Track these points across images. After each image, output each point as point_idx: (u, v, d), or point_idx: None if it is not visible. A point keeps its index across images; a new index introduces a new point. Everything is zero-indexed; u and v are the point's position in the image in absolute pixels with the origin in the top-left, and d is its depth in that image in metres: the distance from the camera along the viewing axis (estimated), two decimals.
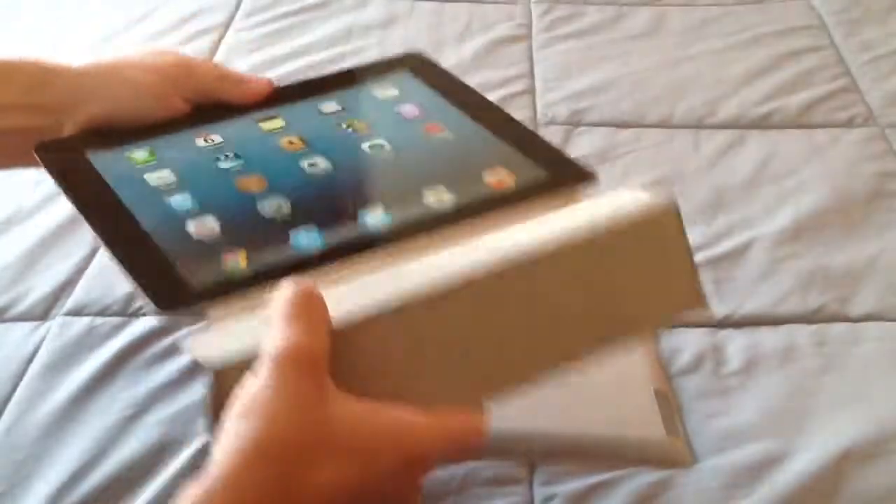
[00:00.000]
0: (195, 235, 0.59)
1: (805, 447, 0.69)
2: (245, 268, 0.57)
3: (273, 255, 0.58)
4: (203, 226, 0.60)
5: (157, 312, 0.69)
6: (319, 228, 0.60)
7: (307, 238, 0.59)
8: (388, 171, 0.67)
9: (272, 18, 1.21)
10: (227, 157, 0.67)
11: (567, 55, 1.15)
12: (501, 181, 0.65)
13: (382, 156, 0.68)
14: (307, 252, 0.58)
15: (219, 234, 0.60)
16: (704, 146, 1.00)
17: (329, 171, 0.66)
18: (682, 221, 0.59)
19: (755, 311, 0.80)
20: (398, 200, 0.63)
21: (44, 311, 0.79)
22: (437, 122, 0.71)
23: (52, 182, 0.64)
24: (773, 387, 0.73)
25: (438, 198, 0.63)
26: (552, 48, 1.17)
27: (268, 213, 0.62)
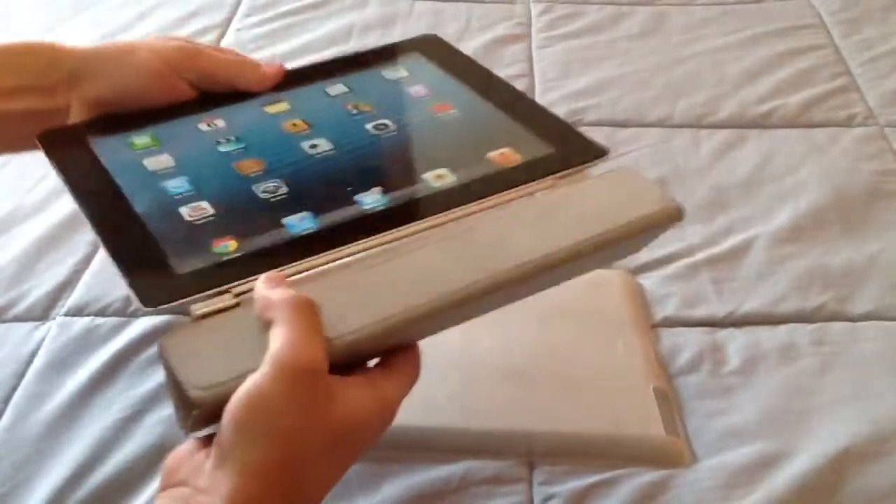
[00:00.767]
0: (188, 218, 0.59)
1: (804, 446, 0.69)
2: (234, 251, 0.57)
3: (265, 240, 0.58)
4: (196, 209, 0.60)
5: (143, 311, 0.68)
6: (314, 212, 0.60)
7: (301, 222, 0.59)
8: (391, 152, 0.67)
9: (272, 18, 1.21)
10: (228, 141, 0.67)
11: (566, 54, 1.15)
12: (507, 158, 0.64)
13: (386, 136, 0.68)
14: (299, 236, 0.58)
15: (211, 218, 0.59)
16: (704, 145, 1.00)
17: (330, 153, 0.66)
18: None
19: (755, 311, 0.80)
20: (398, 181, 0.63)
21: (44, 311, 0.79)
22: (446, 102, 0.70)
23: (54, 176, 0.64)
24: (773, 386, 0.74)
25: (440, 178, 0.63)
26: (551, 47, 1.17)
27: (263, 196, 0.61)
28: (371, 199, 0.61)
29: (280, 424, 0.46)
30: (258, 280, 0.52)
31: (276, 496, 0.46)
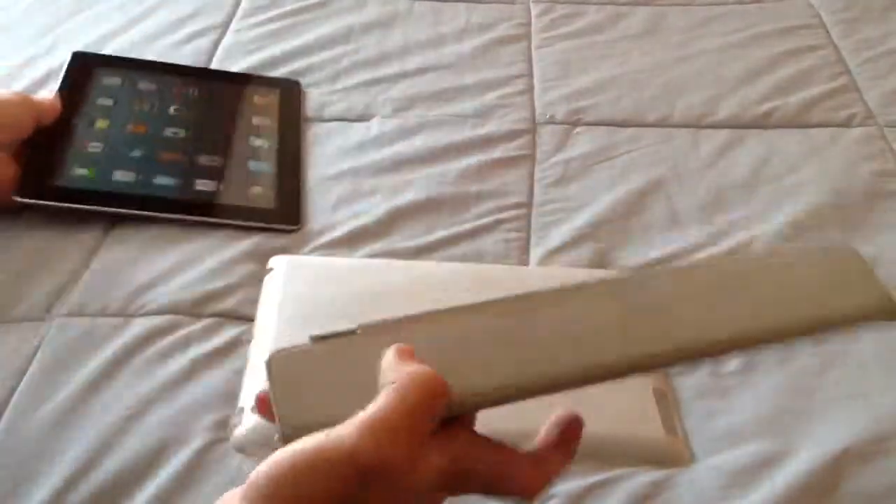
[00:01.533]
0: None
1: (804, 446, 0.69)
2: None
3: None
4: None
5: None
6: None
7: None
8: None
9: (271, 18, 1.21)
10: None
11: (566, 54, 1.15)
12: None
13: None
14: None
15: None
16: (703, 145, 1.00)
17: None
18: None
19: None
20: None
21: (43, 312, 0.79)
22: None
23: None
24: (772, 386, 0.74)
25: None
26: (551, 47, 1.17)
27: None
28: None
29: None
30: (390, 349, 0.48)
31: None
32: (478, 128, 1.01)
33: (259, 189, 0.91)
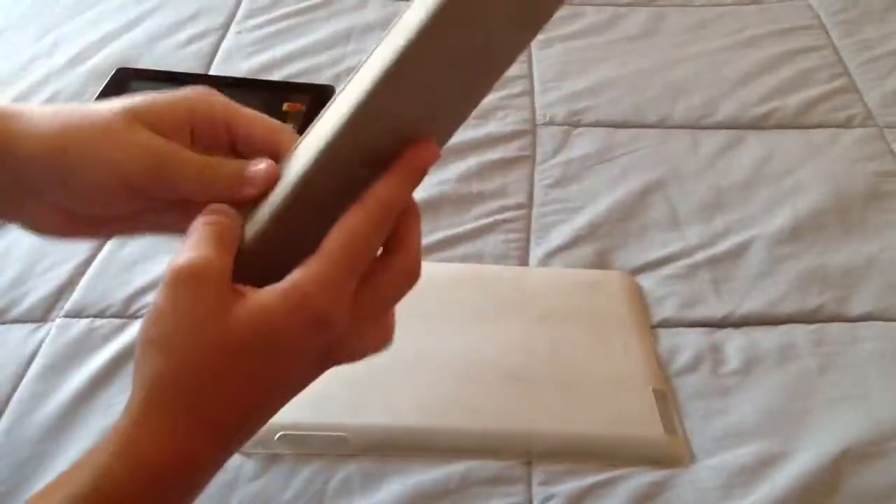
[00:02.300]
0: None
1: (803, 446, 0.69)
2: None
3: None
4: None
5: None
6: None
7: None
8: None
9: (271, 20, 1.21)
10: None
11: (565, 56, 1.15)
12: None
13: None
14: None
15: None
16: (703, 146, 1.00)
17: None
18: None
19: (754, 311, 0.80)
20: None
21: (43, 313, 0.79)
22: None
23: None
24: (772, 386, 0.74)
25: None
26: (550, 49, 1.17)
27: None
28: None
29: (166, 332, 0.44)
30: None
31: (179, 411, 0.44)
32: (478, 129, 1.01)
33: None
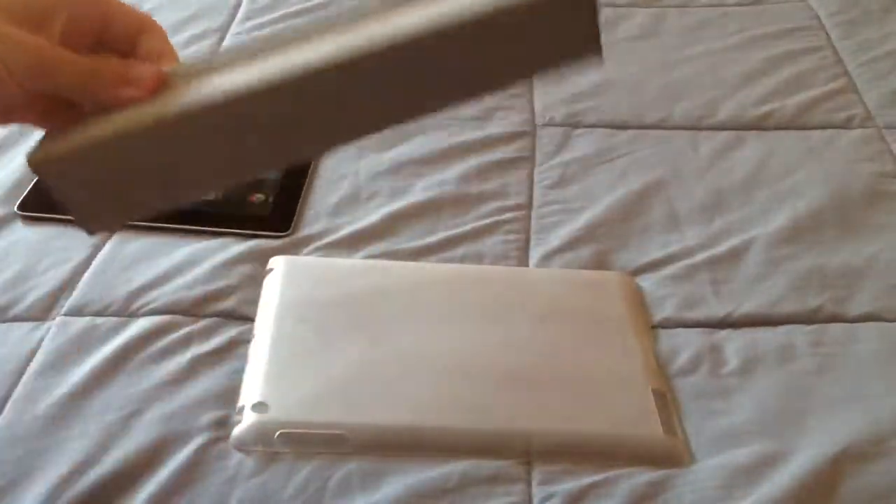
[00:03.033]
0: None
1: (803, 447, 0.69)
2: None
3: None
4: None
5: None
6: None
7: None
8: None
9: (271, 21, 1.21)
10: None
11: None
12: None
13: None
14: None
15: None
16: (702, 147, 1.00)
17: None
18: None
19: (753, 312, 0.80)
20: None
21: (44, 311, 0.79)
22: None
23: None
24: (771, 387, 0.74)
25: None
26: None
27: None
28: None
29: None
30: None
31: None
32: (478, 130, 1.02)
33: (261, 196, 0.91)
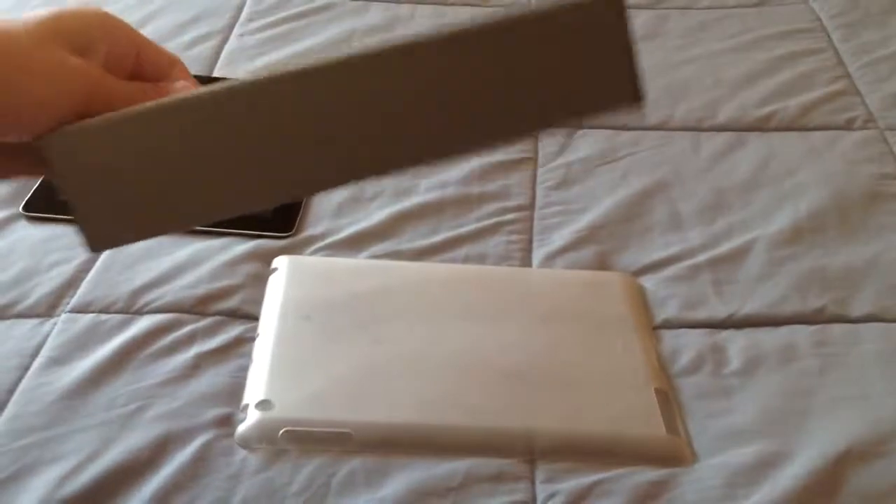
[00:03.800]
0: None
1: (805, 447, 0.69)
2: None
3: None
4: None
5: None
6: None
7: None
8: None
9: (274, 23, 1.21)
10: None
11: None
12: None
13: None
14: None
15: None
16: (704, 148, 1.01)
17: None
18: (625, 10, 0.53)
19: (755, 312, 0.80)
20: None
21: (49, 308, 0.79)
22: None
23: None
24: (774, 387, 0.74)
25: None
26: None
27: None
28: None
29: None
30: None
31: None
32: None
33: None
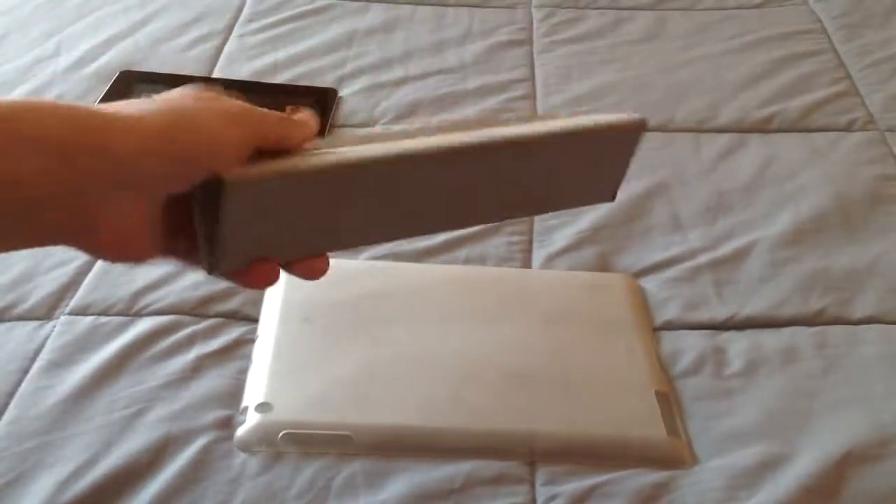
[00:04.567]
0: None
1: (806, 449, 0.69)
2: None
3: None
4: None
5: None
6: None
7: None
8: None
9: (274, 23, 1.21)
10: None
11: (568, 59, 1.16)
12: None
13: None
14: None
15: None
16: (705, 150, 1.00)
17: None
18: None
19: (756, 314, 0.80)
20: None
21: (48, 310, 0.79)
22: None
23: None
24: (775, 388, 0.74)
25: None
26: (553, 52, 1.17)
27: None
28: None
29: None
30: None
31: None
32: None
33: None
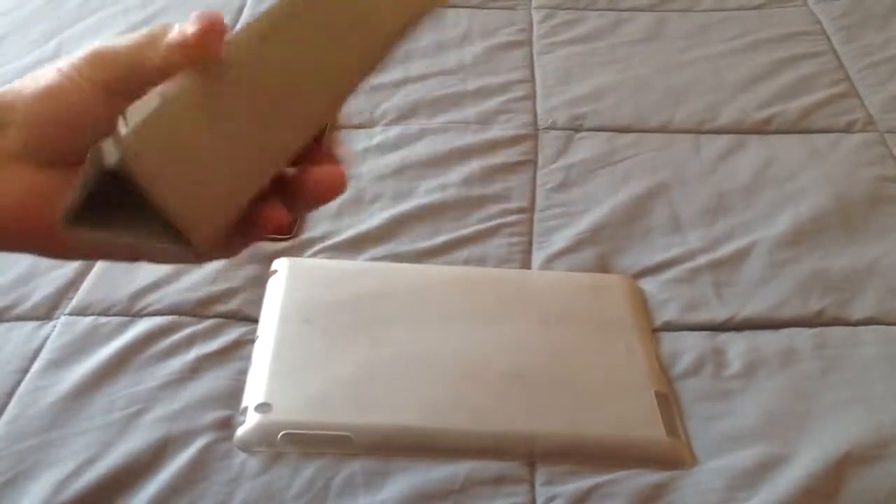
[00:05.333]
0: None
1: (805, 450, 0.69)
2: None
3: None
4: None
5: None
6: None
7: None
8: None
9: None
10: None
11: (567, 60, 1.16)
12: None
13: None
14: None
15: None
16: (704, 151, 1.01)
17: None
18: None
19: (756, 315, 0.80)
20: None
21: (48, 311, 0.79)
22: None
23: None
24: (774, 389, 0.74)
25: None
26: (553, 53, 1.17)
27: None
28: None
29: None
30: None
31: None
32: (480, 133, 1.02)
33: None
